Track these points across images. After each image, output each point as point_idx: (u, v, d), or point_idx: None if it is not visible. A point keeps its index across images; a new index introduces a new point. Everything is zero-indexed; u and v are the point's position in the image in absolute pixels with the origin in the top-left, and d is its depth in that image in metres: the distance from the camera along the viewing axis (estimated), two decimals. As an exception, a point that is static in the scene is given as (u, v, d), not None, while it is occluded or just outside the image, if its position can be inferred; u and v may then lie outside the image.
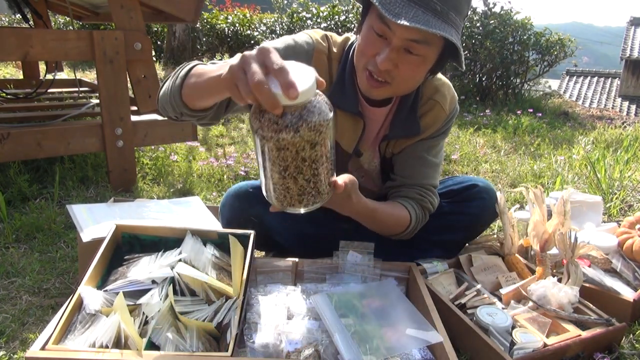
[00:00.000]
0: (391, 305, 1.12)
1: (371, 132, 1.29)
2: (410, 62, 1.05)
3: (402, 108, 1.24)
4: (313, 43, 1.20)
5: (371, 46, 1.06)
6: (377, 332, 1.02)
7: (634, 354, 1.15)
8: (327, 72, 1.22)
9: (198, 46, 8.13)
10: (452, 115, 1.30)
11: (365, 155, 1.33)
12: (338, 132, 1.25)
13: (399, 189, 1.31)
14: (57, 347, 0.82)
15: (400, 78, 1.08)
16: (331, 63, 1.22)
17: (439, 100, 1.26)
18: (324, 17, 7.22)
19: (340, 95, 1.19)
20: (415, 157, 1.30)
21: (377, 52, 1.05)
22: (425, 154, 1.30)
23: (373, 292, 1.17)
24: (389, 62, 1.04)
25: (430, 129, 1.28)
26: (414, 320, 1.07)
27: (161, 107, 1.05)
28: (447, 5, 1.00)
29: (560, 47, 5.85)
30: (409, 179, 1.30)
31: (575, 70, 14.38)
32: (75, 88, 3.22)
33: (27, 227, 1.67)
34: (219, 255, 1.14)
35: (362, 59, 1.10)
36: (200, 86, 0.90)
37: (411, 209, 1.26)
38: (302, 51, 1.18)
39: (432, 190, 1.32)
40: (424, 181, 1.30)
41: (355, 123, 1.23)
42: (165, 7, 2.14)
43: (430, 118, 1.26)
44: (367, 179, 1.39)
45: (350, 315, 1.07)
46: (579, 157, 3.07)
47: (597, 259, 1.37)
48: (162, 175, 2.31)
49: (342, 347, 0.96)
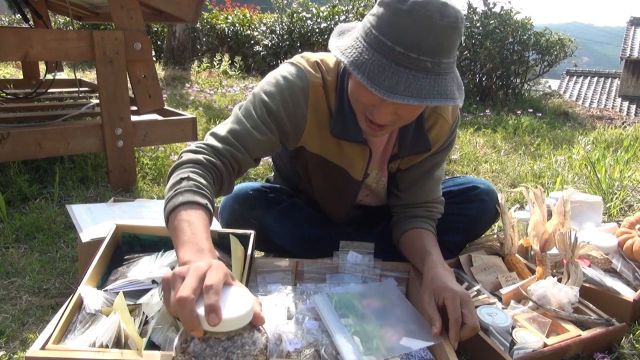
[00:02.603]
0: (391, 305, 1.12)
1: (376, 153, 1.27)
2: (410, 108, 0.99)
3: (407, 126, 1.19)
4: (306, 77, 1.13)
5: (365, 98, 0.99)
6: (377, 332, 1.02)
7: (634, 354, 1.15)
8: (325, 103, 1.16)
9: (198, 46, 8.13)
10: (455, 125, 1.27)
11: (372, 176, 1.32)
12: (347, 162, 1.22)
13: (406, 209, 1.31)
14: (57, 347, 0.82)
15: (401, 121, 1.04)
16: (328, 93, 1.15)
17: (442, 112, 1.22)
18: (324, 17, 7.22)
19: (342, 126, 1.14)
20: (422, 174, 1.29)
21: (372, 104, 0.99)
22: (432, 170, 1.29)
23: (373, 292, 1.17)
24: (389, 116, 0.99)
25: (437, 143, 1.26)
26: (414, 321, 1.07)
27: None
28: (438, 57, 0.90)
29: (560, 47, 5.85)
30: (416, 198, 1.30)
31: (575, 70, 14.38)
32: (75, 88, 3.22)
33: (27, 227, 1.67)
34: (219, 255, 1.13)
35: (359, 106, 1.04)
36: (172, 237, 0.88)
37: (429, 227, 1.28)
38: (297, 89, 1.12)
39: (438, 202, 1.33)
40: (430, 197, 1.31)
41: (363, 151, 1.20)
42: (165, 7, 2.14)
43: (436, 132, 1.23)
44: (372, 196, 1.39)
45: (350, 315, 1.07)
46: (579, 157, 3.07)
47: (597, 259, 1.37)
48: (162, 175, 2.31)
49: (342, 347, 0.96)
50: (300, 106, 1.13)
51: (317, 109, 1.15)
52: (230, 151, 1.07)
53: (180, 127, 2.27)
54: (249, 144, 1.09)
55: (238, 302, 0.67)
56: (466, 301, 0.99)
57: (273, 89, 1.12)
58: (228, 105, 4.33)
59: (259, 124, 1.10)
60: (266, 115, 1.11)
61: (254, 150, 1.10)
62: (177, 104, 4.27)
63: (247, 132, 1.09)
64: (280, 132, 1.14)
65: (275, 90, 1.12)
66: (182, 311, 0.65)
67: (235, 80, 6.02)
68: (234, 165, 1.08)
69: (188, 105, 4.22)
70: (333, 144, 1.20)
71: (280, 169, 1.50)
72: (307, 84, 1.13)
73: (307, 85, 1.12)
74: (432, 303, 1.03)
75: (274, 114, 1.11)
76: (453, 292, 1.00)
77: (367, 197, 1.38)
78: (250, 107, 1.13)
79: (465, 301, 0.99)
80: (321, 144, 1.20)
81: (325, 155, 1.22)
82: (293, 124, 1.15)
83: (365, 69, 0.91)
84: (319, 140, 1.19)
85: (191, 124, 2.29)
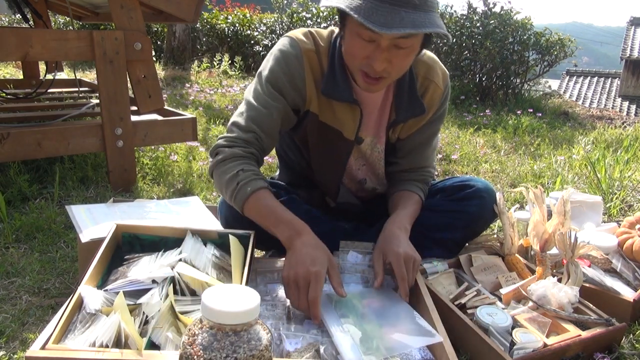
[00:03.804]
0: (391, 305, 1.13)
1: (369, 117, 1.32)
2: (402, 55, 1.09)
3: (400, 91, 1.28)
4: (298, 45, 1.23)
5: (360, 50, 1.10)
6: (377, 332, 1.02)
7: (634, 354, 1.15)
8: (318, 67, 1.25)
9: (198, 46, 8.12)
10: (447, 91, 1.36)
11: (366, 142, 1.37)
12: (339, 123, 1.29)
13: (403, 174, 1.42)
14: (57, 347, 0.82)
15: (395, 70, 1.13)
16: (320, 57, 1.25)
17: (434, 78, 1.31)
18: (324, 17, 7.22)
19: (333, 86, 1.23)
20: (421, 142, 1.39)
21: (367, 55, 1.09)
22: (430, 138, 1.40)
23: (373, 292, 1.17)
24: (384, 62, 1.08)
25: (432, 108, 1.34)
26: (414, 321, 1.07)
27: (215, 183, 1.25)
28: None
29: (560, 47, 5.85)
30: (414, 164, 1.41)
31: (575, 70, 14.38)
32: (75, 88, 3.22)
33: (27, 227, 1.67)
34: (219, 255, 1.14)
35: (354, 62, 1.14)
36: (262, 221, 1.16)
37: (419, 190, 1.39)
38: (291, 57, 1.23)
39: (432, 167, 1.46)
40: (426, 163, 1.43)
41: (353, 111, 1.27)
42: (165, 7, 2.14)
43: (429, 97, 1.32)
44: (368, 167, 1.44)
45: (350, 315, 1.07)
46: (579, 157, 3.07)
47: (597, 259, 1.37)
48: (162, 175, 2.31)
49: (342, 347, 0.96)
50: (298, 71, 1.24)
51: (313, 73, 1.25)
52: (256, 137, 1.22)
53: (180, 127, 2.27)
54: (267, 125, 1.23)
55: (245, 297, 0.68)
56: (407, 260, 1.15)
57: (272, 63, 1.25)
58: (228, 105, 4.33)
59: (267, 101, 1.23)
60: (272, 89, 1.23)
61: (273, 129, 1.25)
62: (177, 104, 4.27)
63: (262, 115, 1.23)
64: (289, 100, 1.25)
65: (274, 63, 1.24)
66: (314, 307, 1.01)
67: (235, 80, 6.02)
68: (260, 150, 1.25)
69: (188, 105, 4.22)
70: (326, 106, 1.28)
71: (284, 156, 1.54)
72: (300, 51, 1.23)
73: (299, 52, 1.23)
74: (380, 260, 1.19)
75: (278, 86, 1.23)
76: (397, 254, 1.15)
77: (363, 167, 1.43)
78: (258, 87, 1.26)
79: (407, 261, 1.15)
80: (318, 106, 1.28)
81: (321, 116, 1.29)
82: (296, 89, 1.25)
83: (360, 11, 1.01)
84: (316, 102, 1.28)
85: (191, 124, 2.29)
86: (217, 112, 3.99)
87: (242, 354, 0.65)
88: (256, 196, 1.14)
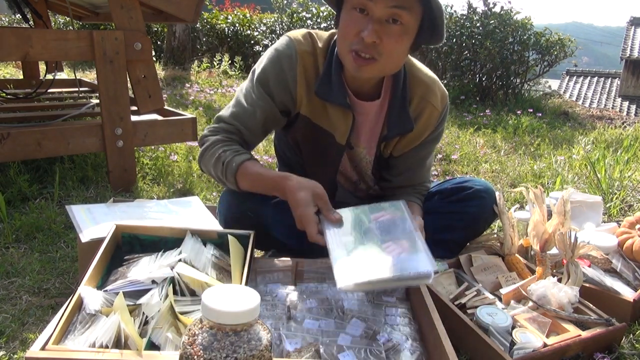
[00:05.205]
0: (401, 220, 1.14)
1: (363, 126, 1.32)
2: (394, 33, 1.09)
3: (393, 105, 1.27)
4: (294, 45, 1.24)
5: (353, 25, 1.10)
6: (375, 250, 1.05)
7: (634, 354, 1.15)
8: (313, 69, 1.25)
9: (198, 46, 8.12)
10: (445, 113, 1.34)
11: (358, 151, 1.37)
12: (332, 126, 1.29)
13: (396, 190, 1.42)
14: (57, 347, 0.82)
15: (386, 52, 1.11)
16: (317, 59, 1.25)
17: (431, 100, 1.29)
18: (324, 17, 7.22)
19: (327, 88, 1.23)
20: (415, 162, 1.39)
21: (360, 30, 1.09)
22: (423, 158, 1.40)
23: (383, 207, 1.20)
24: (374, 34, 1.08)
25: (427, 130, 1.32)
26: (415, 244, 1.06)
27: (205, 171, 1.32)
28: None
29: (560, 47, 5.85)
30: (408, 182, 1.42)
31: (575, 70, 14.38)
32: (75, 88, 3.22)
33: (27, 227, 1.67)
34: (219, 255, 1.14)
35: (345, 42, 1.13)
36: (257, 188, 1.20)
37: (416, 199, 1.41)
38: (285, 58, 1.24)
39: (428, 182, 1.47)
40: (420, 181, 1.44)
41: (345, 115, 1.27)
42: (165, 7, 2.14)
43: (425, 119, 1.30)
44: (358, 172, 1.44)
45: (353, 232, 1.10)
46: (579, 157, 3.07)
47: (597, 259, 1.37)
48: (162, 175, 2.31)
49: (335, 268, 1.02)
50: (291, 72, 1.24)
51: (306, 75, 1.25)
52: (238, 129, 1.26)
53: (180, 127, 2.27)
54: (250, 123, 1.26)
55: (245, 297, 0.68)
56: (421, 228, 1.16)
57: (265, 62, 1.26)
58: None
59: (254, 100, 1.25)
60: (261, 89, 1.25)
61: (255, 127, 1.27)
62: (177, 104, 4.27)
63: (246, 112, 1.26)
64: (277, 101, 1.26)
65: (267, 62, 1.26)
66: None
67: (235, 80, 6.02)
68: (243, 141, 1.28)
69: (188, 105, 4.22)
70: (320, 107, 1.27)
71: (282, 155, 1.55)
72: (295, 52, 1.23)
73: (294, 52, 1.23)
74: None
75: (267, 86, 1.25)
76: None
77: (354, 170, 1.45)
78: (248, 85, 1.29)
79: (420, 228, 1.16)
80: (311, 108, 1.28)
81: (313, 118, 1.29)
82: (286, 90, 1.26)
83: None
84: (309, 104, 1.28)
85: (191, 124, 2.29)
86: (217, 112, 3.96)
87: (242, 354, 0.65)
88: (243, 170, 1.18)
